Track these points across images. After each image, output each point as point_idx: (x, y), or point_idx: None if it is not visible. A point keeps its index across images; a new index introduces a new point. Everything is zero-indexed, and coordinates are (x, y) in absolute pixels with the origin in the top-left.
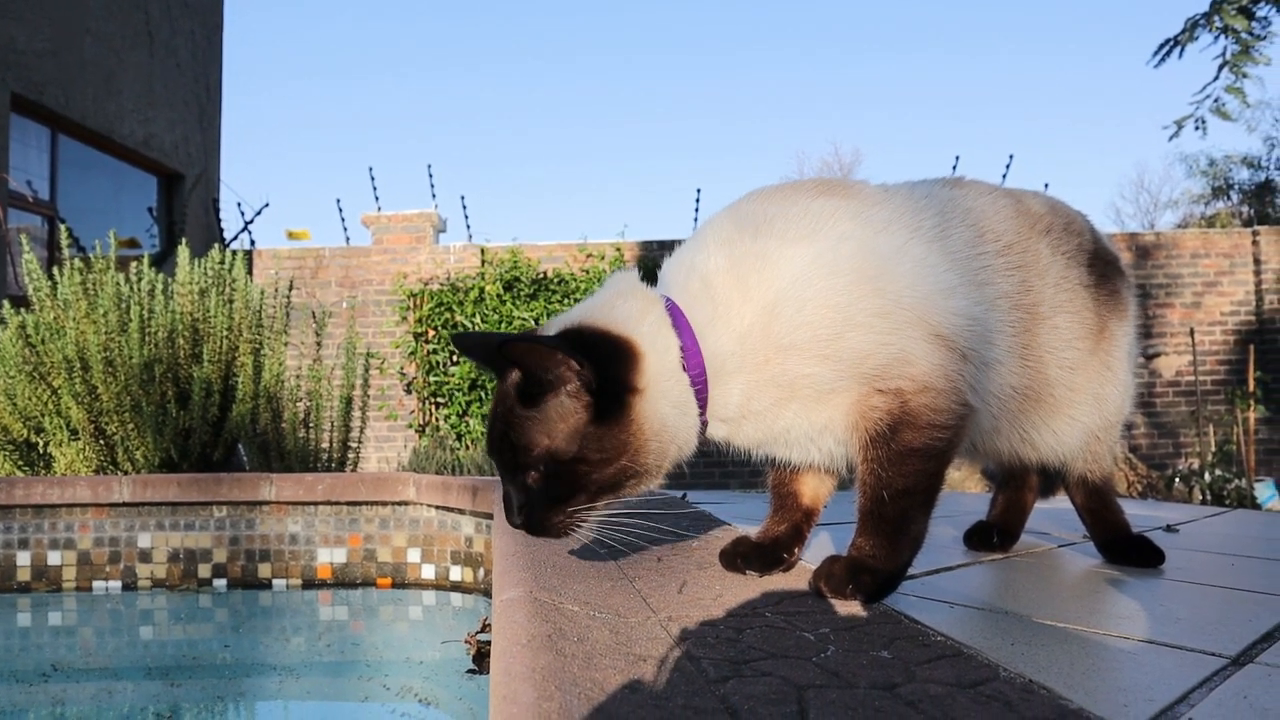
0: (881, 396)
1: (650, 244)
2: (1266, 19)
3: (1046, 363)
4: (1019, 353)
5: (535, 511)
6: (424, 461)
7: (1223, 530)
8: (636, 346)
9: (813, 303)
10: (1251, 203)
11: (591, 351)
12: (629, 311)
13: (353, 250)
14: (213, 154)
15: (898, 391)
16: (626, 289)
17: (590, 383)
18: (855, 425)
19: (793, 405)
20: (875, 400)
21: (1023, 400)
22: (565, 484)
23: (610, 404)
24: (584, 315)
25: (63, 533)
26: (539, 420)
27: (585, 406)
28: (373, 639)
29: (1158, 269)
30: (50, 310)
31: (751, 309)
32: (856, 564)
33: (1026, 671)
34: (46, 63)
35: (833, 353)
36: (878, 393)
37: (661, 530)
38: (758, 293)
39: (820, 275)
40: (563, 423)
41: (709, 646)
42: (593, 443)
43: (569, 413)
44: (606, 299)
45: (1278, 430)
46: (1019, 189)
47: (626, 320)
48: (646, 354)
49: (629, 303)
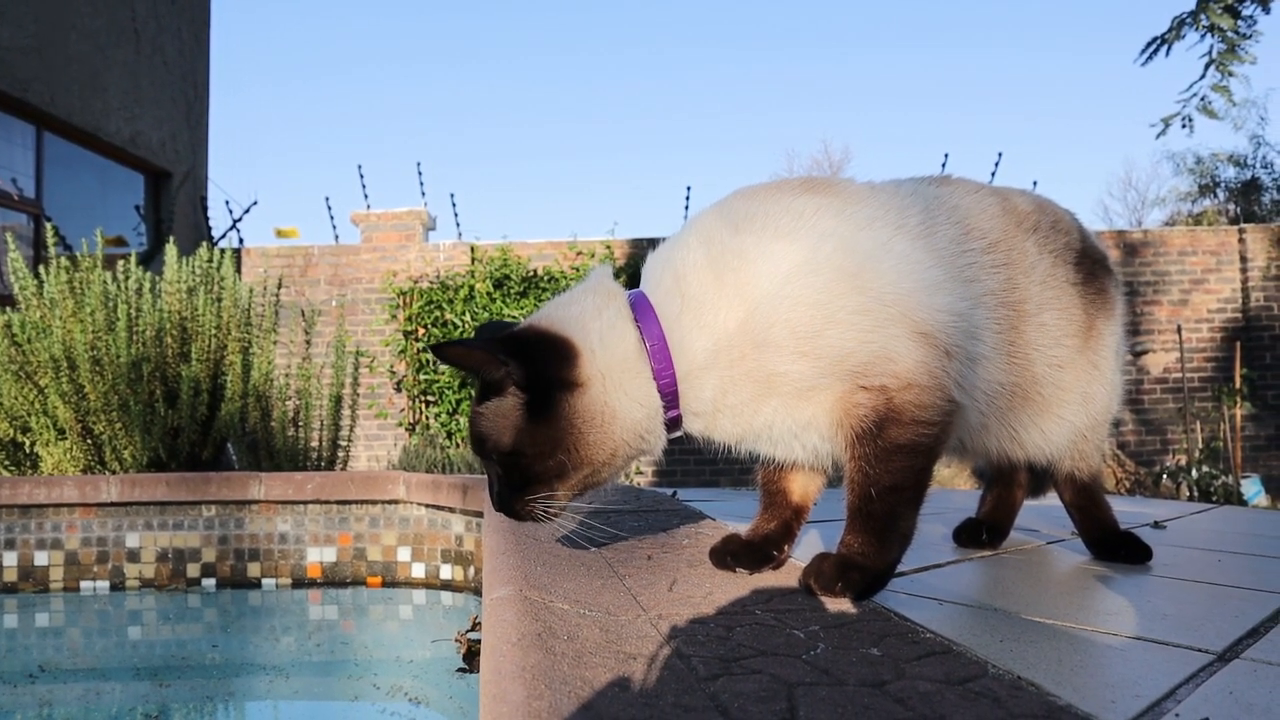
0: (866, 394)
1: (640, 241)
2: (1252, 18)
3: (1034, 360)
4: (1006, 350)
5: (503, 496)
6: (414, 460)
7: (1209, 526)
8: (572, 343)
9: (790, 299)
10: (1238, 200)
11: (522, 351)
12: (584, 308)
13: (342, 248)
14: (200, 152)
15: (882, 388)
16: (593, 284)
17: (521, 381)
18: (840, 422)
19: (772, 401)
20: (859, 397)
21: (1010, 397)
22: (518, 474)
23: (542, 401)
24: (541, 314)
25: (50, 533)
26: (486, 416)
27: (520, 404)
28: (363, 638)
29: (1145, 266)
30: (37, 309)
31: (727, 304)
32: (846, 561)
33: (1015, 668)
34: (31, 59)
35: (812, 350)
36: (862, 390)
37: (649, 526)
38: (734, 289)
39: (800, 273)
40: (502, 419)
41: (699, 644)
42: (527, 438)
43: (508, 410)
44: (569, 296)
45: (1264, 427)
46: (1006, 187)
47: (578, 317)
48: (584, 350)
49: (587, 299)
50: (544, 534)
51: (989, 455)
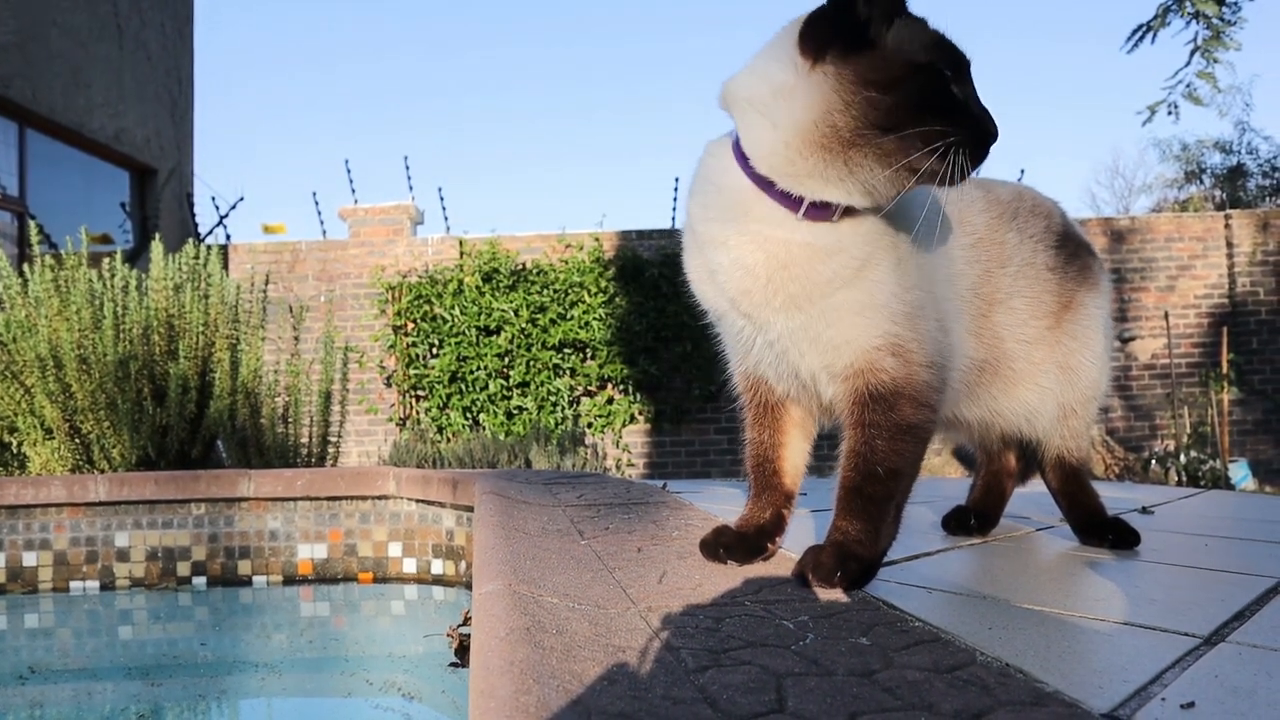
0: (894, 360)
1: (629, 233)
2: (1237, 4)
3: (1003, 337)
4: (974, 331)
5: None
6: (404, 455)
7: (1197, 511)
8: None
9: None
10: (1223, 186)
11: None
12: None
13: (330, 244)
14: (186, 148)
15: (908, 360)
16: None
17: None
18: (859, 374)
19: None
20: (888, 363)
21: (981, 372)
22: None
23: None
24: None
25: (38, 533)
26: None
27: None
28: (355, 634)
29: (1132, 253)
30: (22, 308)
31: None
32: (843, 551)
33: (1003, 655)
34: (12, 56)
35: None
36: (892, 355)
37: (639, 519)
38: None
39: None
40: None
41: (688, 636)
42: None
43: None
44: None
45: (1251, 411)
46: (987, 179)
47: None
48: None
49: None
50: (533, 527)
51: (971, 430)
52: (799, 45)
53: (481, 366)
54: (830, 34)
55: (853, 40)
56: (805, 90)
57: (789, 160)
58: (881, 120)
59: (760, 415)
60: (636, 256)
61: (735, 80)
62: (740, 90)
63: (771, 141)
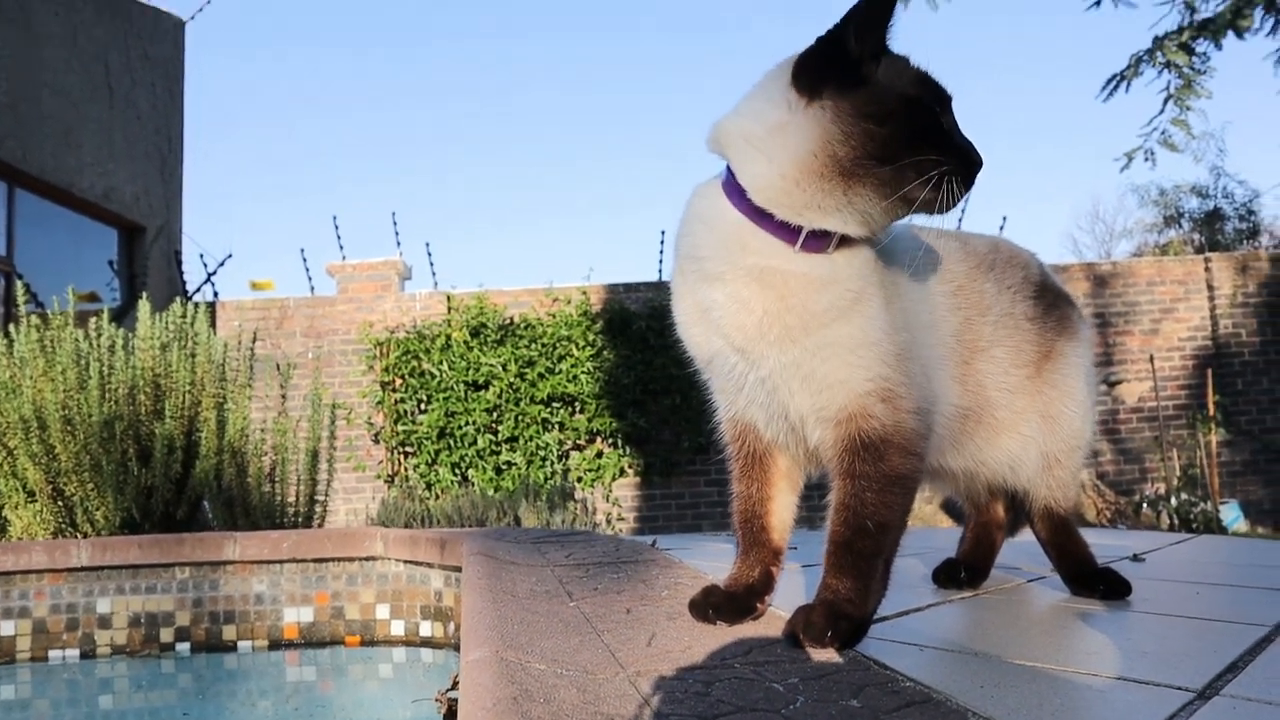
0: (884, 407)
1: (616, 287)
2: (1206, 54)
3: (986, 385)
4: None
5: None
6: (392, 513)
7: (1188, 557)
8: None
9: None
10: (1202, 230)
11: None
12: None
13: (318, 300)
14: (174, 206)
15: (897, 407)
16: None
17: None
18: (850, 419)
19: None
20: (878, 409)
21: (964, 420)
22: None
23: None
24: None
25: (17, 600)
26: None
27: None
28: (342, 699)
29: (1116, 297)
30: (6, 369)
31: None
32: (834, 610)
33: (996, 715)
34: (4, 117)
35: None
36: (883, 402)
37: (628, 578)
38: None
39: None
40: None
41: (677, 702)
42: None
43: None
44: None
45: (1239, 452)
46: (962, 231)
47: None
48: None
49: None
50: (521, 589)
51: (957, 481)
52: (793, 83)
53: (470, 422)
54: (825, 71)
55: (847, 77)
56: (803, 124)
57: (786, 191)
58: (878, 151)
59: (748, 466)
60: (624, 309)
61: (727, 120)
62: (734, 129)
63: (769, 174)
